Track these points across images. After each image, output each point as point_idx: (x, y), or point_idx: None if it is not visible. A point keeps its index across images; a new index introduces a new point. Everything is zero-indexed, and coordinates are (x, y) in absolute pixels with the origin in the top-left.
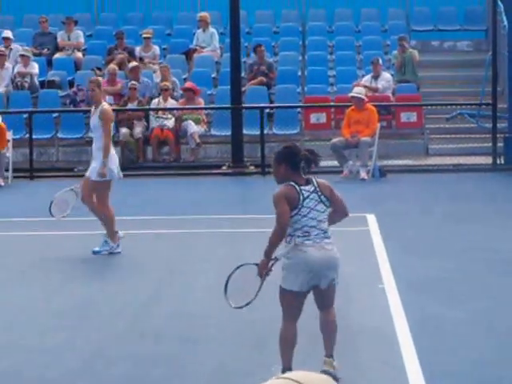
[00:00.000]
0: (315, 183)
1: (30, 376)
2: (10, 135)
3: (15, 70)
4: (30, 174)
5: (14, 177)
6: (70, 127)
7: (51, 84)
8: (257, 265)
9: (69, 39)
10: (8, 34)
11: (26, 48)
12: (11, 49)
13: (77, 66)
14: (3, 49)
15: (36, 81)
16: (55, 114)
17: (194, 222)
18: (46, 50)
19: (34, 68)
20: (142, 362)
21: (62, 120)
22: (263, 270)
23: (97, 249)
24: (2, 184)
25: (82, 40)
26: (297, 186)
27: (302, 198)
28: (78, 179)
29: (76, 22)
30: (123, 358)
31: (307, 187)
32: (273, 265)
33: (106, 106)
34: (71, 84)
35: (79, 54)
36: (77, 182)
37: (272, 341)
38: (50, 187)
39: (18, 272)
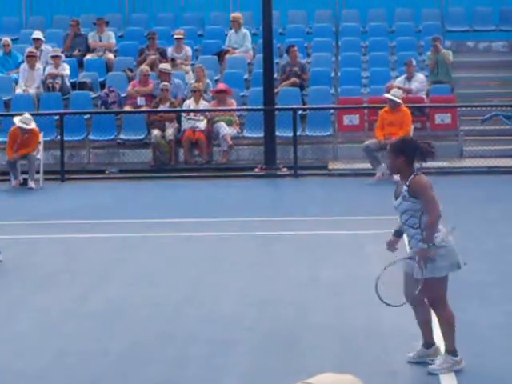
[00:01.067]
0: None
1: (59, 379)
2: (40, 137)
3: (46, 71)
4: (61, 176)
5: (45, 179)
6: (102, 129)
7: (82, 85)
8: (410, 258)
9: (100, 40)
10: (38, 34)
11: (58, 49)
12: (42, 50)
13: (108, 67)
14: (34, 50)
15: (67, 82)
16: (86, 116)
17: (226, 225)
18: (77, 51)
19: (65, 69)
20: (174, 363)
21: (93, 122)
22: (428, 257)
23: None
24: (34, 186)
25: (113, 41)
26: None
27: None
28: (109, 181)
29: (107, 23)
30: (155, 360)
31: None
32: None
33: None
34: (103, 85)
35: (110, 55)
36: (108, 183)
37: (303, 342)
38: (82, 189)
39: (47, 274)
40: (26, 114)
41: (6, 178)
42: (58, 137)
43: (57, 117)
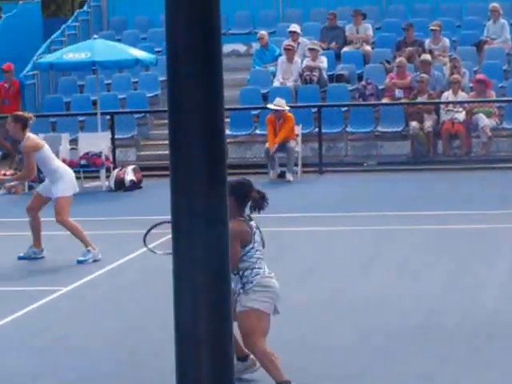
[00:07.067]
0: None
1: (319, 372)
2: (298, 130)
3: (303, 64)
4: (319, 168)
5: (304, 172)
6: (359, 121)
7: (340, 78)
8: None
9: (357, 32)
10: (295, 28)
11: (314, 42)
12: (299, 43)
13: (365, 59)
14: (291, 43)
15: (324, 75)
16: (344, 108)
17: (485, 217)
18: (334, 43)
19: (323, 62)
20: (438, 358)
21: (351, 114)
22: None
23: (81, 258)
24: (291, 179)
25: (370, 33)
26: (247, 221)
27: (252, 232)
28: (367, 174)
29: (364, 15)
30: (417, 353)
31: (252, 223)
32: None
33: (26, 140)
34: (360, 78)
35: (368, 47)
36: (365, 176)
37: None
38: (339, 182)
39: (307, 266)
40: (278, 99)
41: (264, 171)
42: (316, 129)
43: (314, 109)
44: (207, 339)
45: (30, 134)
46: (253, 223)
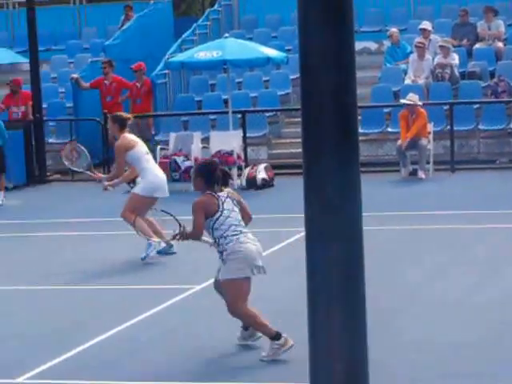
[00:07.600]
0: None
1: (458, 369)
2: (430, 127)
3: (435, 61)
4: (450, 166)
5: (435, 169)
6: (492, 118)
7: (472, 75)
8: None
9: (489, 29)
10: (426, 25)
11: (446, 39)
12: (430, 40)
13: (497, 56)
14: (422, 40)
15: (456, 72)
16: (476, 105)
17: None
18: (465, 40)
19: (454, 59)
20: None
21: (483, 111)
22: (182, 233)
23: (143, 255)
24: (423, 177)
25: (502, 29)
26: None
27: (220, 202)
28: (500, 171)
29: (496, 12)
30: None
31: (222, 193)
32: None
33: (119, 139)
34: (492, 75)
35: (500, 44)
36: (498, 173)
37: None
38: (472, 180)
39: (439, 263)
40: (411, 94)
41: (396, 169)
42: (448, 127)
43: (446, 107)
44: (340, 334)
45: (126, 134)
46: (223, 193)
